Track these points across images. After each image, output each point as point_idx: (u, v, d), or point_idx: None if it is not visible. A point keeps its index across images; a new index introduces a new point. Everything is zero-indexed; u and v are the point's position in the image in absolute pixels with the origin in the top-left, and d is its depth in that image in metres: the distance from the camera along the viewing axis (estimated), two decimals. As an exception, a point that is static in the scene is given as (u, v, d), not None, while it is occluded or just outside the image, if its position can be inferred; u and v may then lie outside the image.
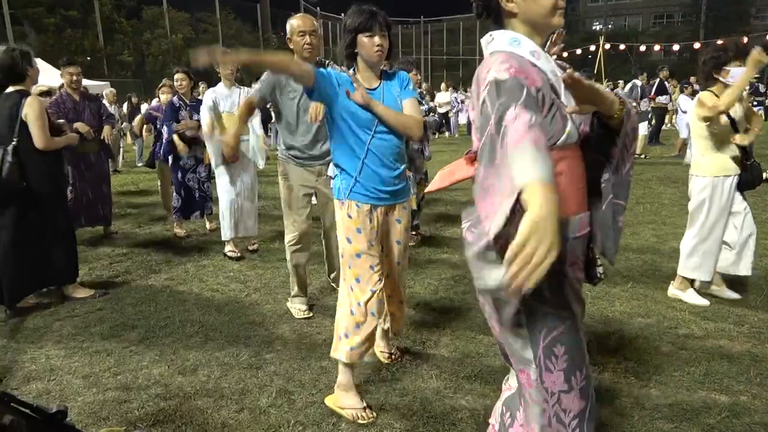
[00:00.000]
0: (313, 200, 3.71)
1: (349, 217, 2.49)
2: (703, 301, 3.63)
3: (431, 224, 6.04)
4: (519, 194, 1.19)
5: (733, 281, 3.77)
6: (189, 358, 3.08)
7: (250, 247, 5.16)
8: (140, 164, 9.53)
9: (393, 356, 2.96)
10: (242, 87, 5.01)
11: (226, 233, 4.97)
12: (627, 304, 3.67)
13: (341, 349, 2.51)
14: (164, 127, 5.65)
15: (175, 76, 5.60)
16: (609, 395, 2.59)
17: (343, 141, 2.46)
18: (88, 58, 25.53)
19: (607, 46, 23.21)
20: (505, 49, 1.49)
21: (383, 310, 2.58)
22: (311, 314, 3.63)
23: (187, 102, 5.56)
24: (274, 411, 2.54)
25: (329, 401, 2.57)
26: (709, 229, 3.56)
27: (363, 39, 2.40)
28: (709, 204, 3.54)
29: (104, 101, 10.57)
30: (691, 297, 3.67)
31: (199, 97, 6.13)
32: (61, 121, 4.51)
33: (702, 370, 2.80)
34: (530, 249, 1.13)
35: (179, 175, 5.65)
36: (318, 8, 34.55)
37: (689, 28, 36.45)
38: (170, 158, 5.68)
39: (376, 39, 2.39)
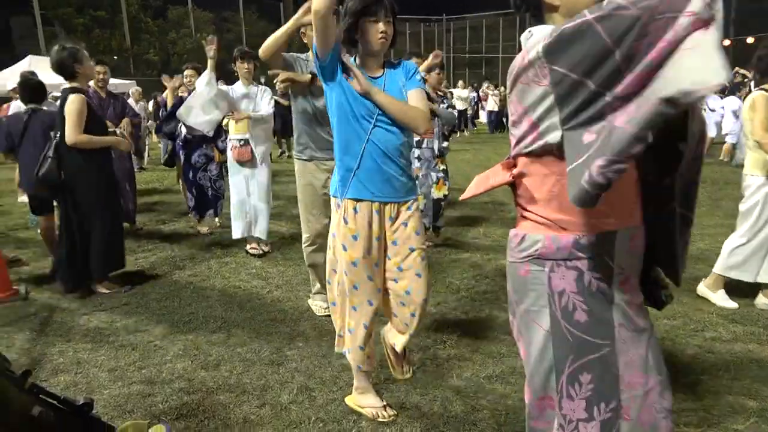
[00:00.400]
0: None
1: (345, 222, 2.29)
2: (732, 304, 3.54)
3: (453, 225, 6.01)
4: None
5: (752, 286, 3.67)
6: (212, 354, 3.11)
7: (264, 248, 5.13)
8: (163, 162, 9.64)
9: (406, 371, 2.69)
10: (260, 86, 5.01)
11: (236, 232, 5.01)
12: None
13: (358, 360, 2.44)
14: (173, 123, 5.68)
15: (185, 72, 5.65)
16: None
17: (343, 130, 2.26)
18: (115, 58, 25.98)
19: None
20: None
21: (373, 325, 2.42)
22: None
23: None
24: (295, 407, 2.56)
25: (349, 400, 2.58)
26: (758, 231, 3.46)
27: (366, 24, 2.19)
28: (762, 205, 3.45)
29: (130, 99, 10.81)
30: (720, 298, 3.59)
31: None
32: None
33: (730, 375, 2.74)
34: None
35: (191, 173, 5.71)
36: (340, 7, 34.57)
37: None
38: (182, 156, 5.74)
39: (381, 26, 2.18)
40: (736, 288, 3.67)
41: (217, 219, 6.08)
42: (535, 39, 1.39)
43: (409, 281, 2.35)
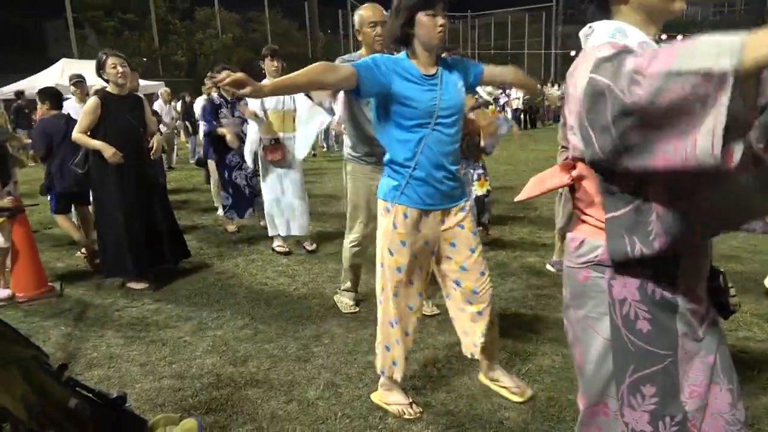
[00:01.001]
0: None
1: (395, 227, 2.27)
2: None
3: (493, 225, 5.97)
4: (723, 77, 0.92)
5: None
6: (240, 350, 3.16)
7: (309, 248, 5.12)
8: (192, 161, 9.80)
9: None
10: None
11: (275, 230, 5.00)
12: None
13: (384, 362, 2.48)
14: (201, 123, 5.76)
15: (222, 74, 5.67)
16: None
17: (396, 135, 2.21)
18: (144, 59, 26.49)
19: (664, 36, 22.31)
20: (608, 42, 1.28)
21: (414, 329, 2.48)
22: (357, 309, 3.65)
23: (228, 99, 5.63)
24: (321, 403, 2.58)
25: (375, 397, 2.59)
26: None
27: (423, 18, 2.10)
28: None
29: (159, 100, 11.00)
30: None
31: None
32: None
33: (765, 375, 2.67)
34: None
35: (226, 173, 5.71)
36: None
37: (752, 17, 34.64)
38: (214, 156, 5.77)
39: (440, 19, 2.11)
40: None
41: (260, 220, 5.95)
42: (596, 38, 1.31)
43: (474, 281, 2.37)
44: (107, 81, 4.12)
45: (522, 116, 19.46)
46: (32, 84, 15.03)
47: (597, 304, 1.35)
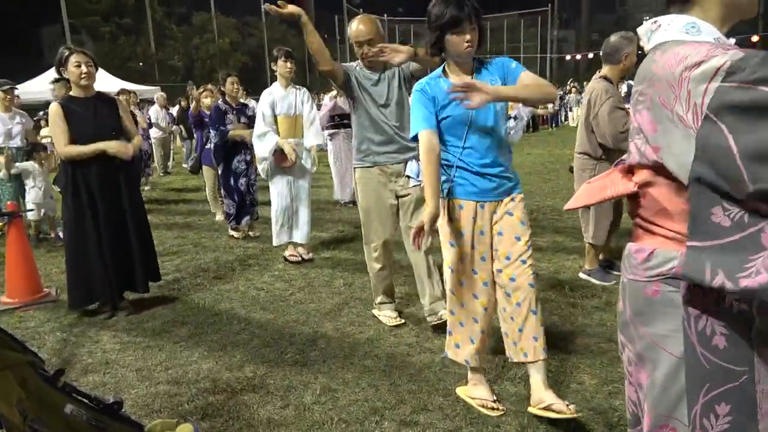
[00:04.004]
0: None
1: (451, 220, 2.39)
2: None
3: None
4: None
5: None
6: (236, 355, 3.16)
7: (305, 256, 4.97)
8: (185, 165, 9.75)
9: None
10: (300, 88, 4.89)
11: (279, 238, 4.89)
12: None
13: (466, 354, 2.52)
14: (211, 131, 5.75)
15: (228, 80, 5.59)
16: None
17: (442, 137, 2.36)
18: (141, 64, 26.50)
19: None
20: (682, 39, 1.20)
21: (489, 319, 2.50)
22: (403, 321, 3.49)
23: (233, 105, 5.65)
24: (318, 408, 2.58)
25: (461, 391, 2.62)
26: None
27: (451, 37, 2.22)
28: None
29: (156, 105, 11.01)
30: None
31: (242, 101, 6.24)
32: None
33: None
34: None
35: (232, 180, 5.68)
36: (360, 9, 34.81)
37: (746, 20, 34.82)
38: (222, 163, 5.72)
39: (467, 36, 2.22)
40: None
41: (251, 230, 5.96)
42: (668, 34, 1.24)
43: (514, 268, 2.37)
44: (67, 81, 3.71)
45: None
46: (28, 89, 15.02)
47: (670, 320, 1.27)
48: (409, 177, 3.38)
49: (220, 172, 5.84)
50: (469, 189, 2.36)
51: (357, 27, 3.19)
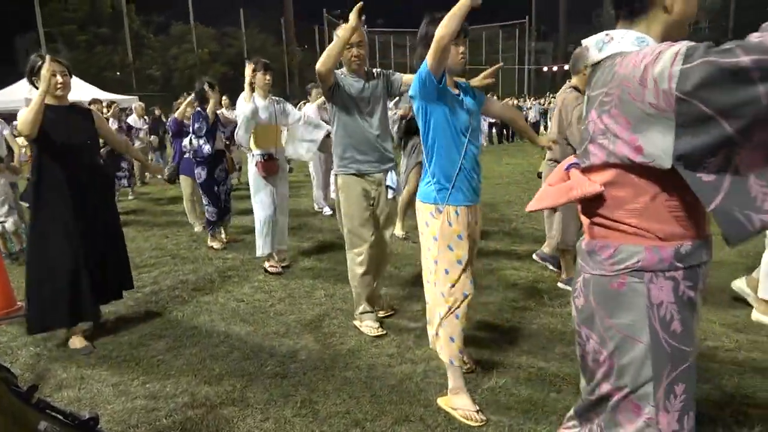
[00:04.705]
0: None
1: (450, 225, 2.51)
2: None
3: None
4: None
5: None
6: (215, 368, 3.12)
7: (282, 264, 5.01)
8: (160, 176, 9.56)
9: (468, 365, 2.93)
10: (279, 100, 4.90)
11: (263, 250, 4.87)
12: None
13: (452, 353, 2.57)
14: (196, 139, 5.65)
15: (212, 92, 5.50)
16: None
17: (444, 145, 2.50)
18: (118, 73, 26.21)
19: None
20: (635, 50, 1.32)
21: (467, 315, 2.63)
22: (384, 332, 3.47)
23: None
24: (298, 421, 2.56)
25: (442, 402, 2.63)
26: None
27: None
28: None
29: (133, 115, 10.87)
30: None
31: (219, 111, 6.18)
32: None
33: (733, 383, 2.74)
34: None
35: (215, 188, 5.73)
36: (341, 21, 34.88)
37: (716, 34, 35.84)
38: (203, 173, 5.68)
39: (461, 48, 2.48)
40: (740, 296, 3.68)
41: (223, 234, 6.08)
42: (623, 45, 1.35)
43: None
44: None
45: (495, 131, 19.77)
46: (1, 99, 14.74)
47: (635, 311, 1.38)
48: (389, 188, 3.42)
49: (202, 180, 5.76)
50: (464, 194, 2.54)
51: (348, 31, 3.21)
